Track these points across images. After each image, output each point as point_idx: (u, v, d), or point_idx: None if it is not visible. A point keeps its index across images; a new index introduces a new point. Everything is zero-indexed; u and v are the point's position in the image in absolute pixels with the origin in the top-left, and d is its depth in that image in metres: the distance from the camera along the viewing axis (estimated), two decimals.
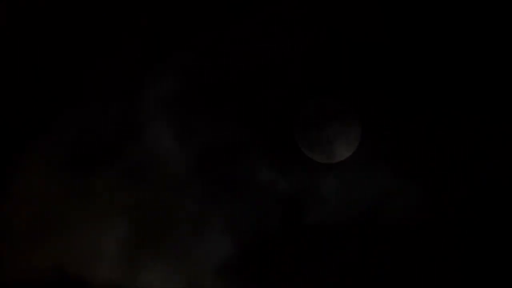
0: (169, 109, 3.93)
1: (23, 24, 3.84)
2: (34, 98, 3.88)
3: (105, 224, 3.82)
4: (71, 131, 3.88)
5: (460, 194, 3.68)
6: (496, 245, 3.61)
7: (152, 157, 3.93)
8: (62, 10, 3.87)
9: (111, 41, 3.92)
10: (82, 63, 3.94)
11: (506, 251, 3.59)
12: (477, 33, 3.60)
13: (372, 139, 3.81)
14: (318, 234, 3.81)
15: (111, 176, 3.85)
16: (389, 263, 3.69)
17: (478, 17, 3.58)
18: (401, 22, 3.69)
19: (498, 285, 3.59)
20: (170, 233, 3.87)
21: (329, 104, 3.85)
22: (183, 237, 3.88)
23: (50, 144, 3.85)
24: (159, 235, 3.87)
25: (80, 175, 3.83)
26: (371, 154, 3.79)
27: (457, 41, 3.67)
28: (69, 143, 3.88)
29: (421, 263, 3.69)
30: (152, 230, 3.88)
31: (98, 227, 3.82)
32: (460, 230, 3.65)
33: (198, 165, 3.89)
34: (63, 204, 3.79)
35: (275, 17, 3.86)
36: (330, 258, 3.76)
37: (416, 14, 3.65)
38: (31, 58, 3.90)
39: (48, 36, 3.88)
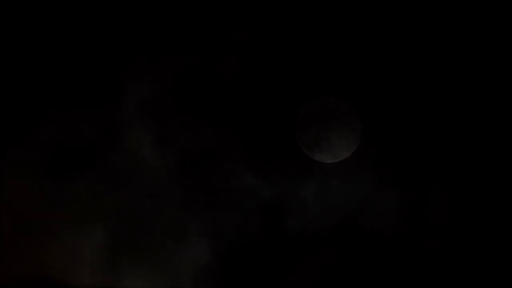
0: (148, 115, 3.91)
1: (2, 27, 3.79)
2: (12, 104, 3.83)
3: (86, 230, 3.79)
4: (51, 137, 3.83)
5: (440, 201, 3.70)
6: (473, 252, 3.63)
7: (132, 163, 3.90)
8: (42, 14, 3.83)
9: (91, 46, 3.88)
10: (62, 68, 3.89)
11: (484, 256, 3.61)
12: (478, 33, 3.62)
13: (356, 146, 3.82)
14: (298, 240, 3.80)
15: (92, 182, 3.82)
16: (369, 268, 3.69)
17: (479, 17, 3.60)
18: (402, 22, 3.70)
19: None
20: (150, 239, 3.86)
21: (330, 104, 3.84)
22: (164, 243, 3.86)
23: (29, 150, 3.82)
24: (139, 241, 3.85)
25: (60, 181, 3.80)
26: (352, 161, 3.80)
27: (457, 42, 3.68)
28: (49, 149, 3.83)
29: (399, 268, 3.69)
30: (132, 236, 3.85)
31: (79, 233, 3.79)
32: (438, 236, 3.66)
33: (178, 171, 3.88)
34: (43, 210, 3.75)
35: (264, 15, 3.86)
36: (310, 263, 3.75)
37: (417, 14, 3.66)
38: (11, 63, 3.85)
39: (27, 41, 3.84)
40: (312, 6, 3.77)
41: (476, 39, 3.62)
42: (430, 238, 3.71)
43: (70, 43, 3.83)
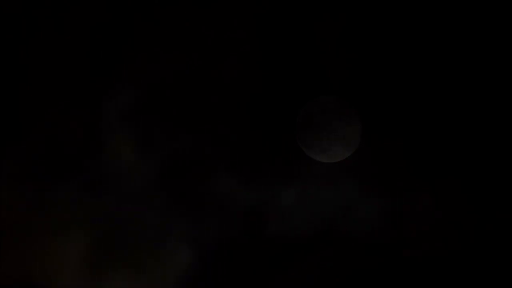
0: (130, 121, 3.89)
1: None
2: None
3: (69, 235, 3.78)
4: (32, 143, 3.80)
5: (440, 201, 3.70)
6: (473, 252, 3.63)
7: (114, 169, 3.87)
8: (42, 14, 3.81)
9: (70, 51, 3.86)
10: (40, 74, 3.86)
11: (484, 256, 3.61)
12: (478, 34, 3.62)
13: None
14: (280, 246, 3.79)
15: (73, 188, 3.79)
16: (367, 269, 3.68)
17: (480, 18, 3.60)
18: (402, 22, 3.70)
19: None
20: (133, 244, 3.83)
21: (330, 104, 3.84)
22: (147, 248, 3.83)
23: (9, 156, 3.79)
24: (123, 246, 3.83)
25: (43, 185, 3.77)
26: (352, 161, 3.80)
27: (458, 43, 3.68)
28: (30, 155, 3.81)
29: (398, 269, 3.68)
30: (116, 241, 3.83)
31: (62, 238, 3.77)
32: (438, 236, 3.66)
33: (160, 177, 3.86)
34: (26, 215, 3.73)
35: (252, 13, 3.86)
36: (292, 270, 3.74)
37: (417, 14, 3.66)
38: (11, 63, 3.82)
39: (27, 41, 3.82)
40: (312, 6, 3.77)
41: (476, 39, 3.62)
42: (429, 238, 3.71)
43: (70, 43, 3.82)
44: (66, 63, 3.79)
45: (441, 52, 3.67)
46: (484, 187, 3.64)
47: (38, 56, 3.77)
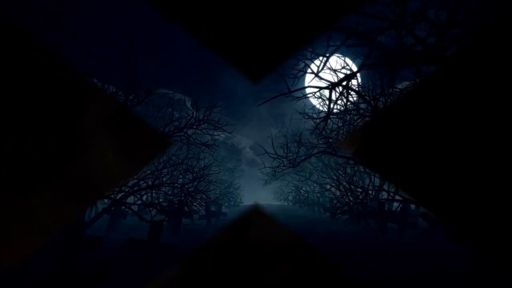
0: (111, 123, 3.86)
1: None
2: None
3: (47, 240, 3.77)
4: (11, 146, 3.79)
5: (439, 201, 3.68)
6: (473, 252, 3.62)
7: (96, 172, 3.86)
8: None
9: (54, 54, 3.86)
10: (25, 78, 3.86)
11: (484, 256, 3.60)
12: (477, 34, 3.61)
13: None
14: (260, 251, 3.74)
15: (54, 192, 3.78)
16: (351, 275, 3.65)
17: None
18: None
19: None
20: None
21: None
22: None
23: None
24: None
25: (21, 190, 3.76)
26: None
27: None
28: (10, 159, 3.79)
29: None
30: None
31: (40, 243, 3.77)
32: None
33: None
34: (5, 221, 3.72)
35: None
36: (272, 275, 3.70)
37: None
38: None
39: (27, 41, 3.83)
40: (312, 6, 3.77)
41: (475, 39, 3.61)
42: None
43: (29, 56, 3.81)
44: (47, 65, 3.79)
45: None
46: (484, 187, 3.63)
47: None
